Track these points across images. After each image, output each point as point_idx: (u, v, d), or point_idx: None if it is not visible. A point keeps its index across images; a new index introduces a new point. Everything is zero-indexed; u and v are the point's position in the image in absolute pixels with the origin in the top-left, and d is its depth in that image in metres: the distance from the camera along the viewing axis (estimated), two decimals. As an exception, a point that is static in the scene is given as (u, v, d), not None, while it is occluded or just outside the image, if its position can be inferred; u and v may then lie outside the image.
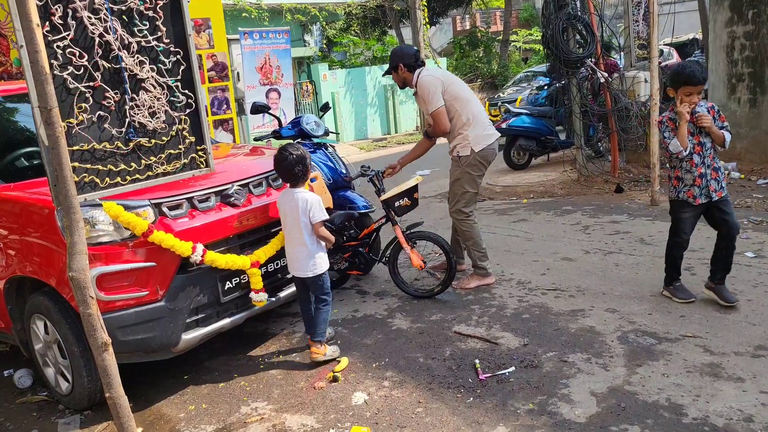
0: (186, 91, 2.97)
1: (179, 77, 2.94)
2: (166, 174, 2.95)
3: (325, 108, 5.34)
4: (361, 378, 3.23)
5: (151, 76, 2.83)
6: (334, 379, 3.23)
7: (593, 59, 7.04)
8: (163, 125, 2.91)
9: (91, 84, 2.64)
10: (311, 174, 3.49)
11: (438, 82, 4.14)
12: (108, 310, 2.84)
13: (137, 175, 2.84)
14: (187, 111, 3.00)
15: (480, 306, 4.01)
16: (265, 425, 2.90)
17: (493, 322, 3.73)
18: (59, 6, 2.50)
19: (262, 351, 3.73)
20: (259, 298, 3.35)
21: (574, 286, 4.17)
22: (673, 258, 3.72)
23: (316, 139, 4.76)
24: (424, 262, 4.09)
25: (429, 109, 4.17)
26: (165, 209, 3.04)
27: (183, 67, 2.94)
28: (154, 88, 2.85)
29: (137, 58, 2.77)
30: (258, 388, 3.26)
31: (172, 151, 2.97)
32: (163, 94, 2.89)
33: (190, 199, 3.15)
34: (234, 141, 8.01)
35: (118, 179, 2.76)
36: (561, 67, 7.21)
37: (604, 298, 3.90)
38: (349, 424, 2.82)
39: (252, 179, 3.53)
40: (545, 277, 4.42)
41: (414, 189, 4.13)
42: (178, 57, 2.92)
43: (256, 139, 6.04)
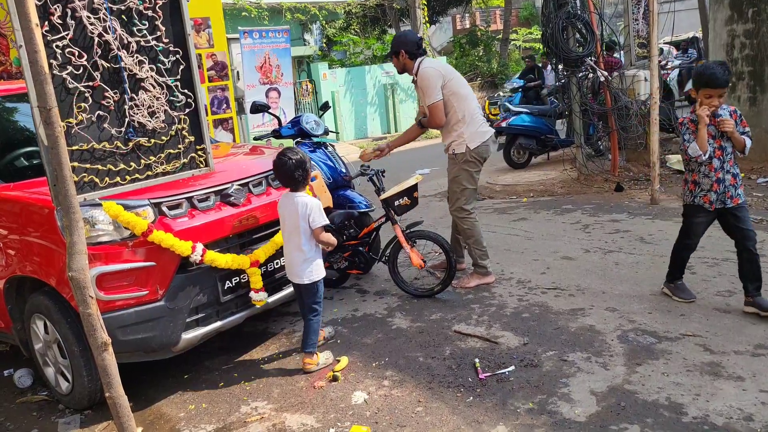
0: (185, 91, 2.97)
1: (179, 77, 2.94)
2: (165, 173, 2.95)
3: (325, 107, 5.33)
4: (361, 377, 3.23)
5: (151, 76, 2.83)
6: (334, 379, 3.23)
7: (593, 58, 7.04)
8: (163, 125, 2.90)
9: (90, 84, 2.63)
10: (311, 173, 3.48)
11: (439, 75, 4.15)
12: (108, 309, 2.84)
13: (137, 175, 2.84)
14: (187, 110, 3.00)
15: (480, 305, 4.01)
16: (265, 424, 2.90)
17: (493, 321, 3.73)
18: (58, 6, 2.50)
19: (262, 350, 3.73)
20: (259, 297, 3.35)
21: (574, 285, 4.17)
22: (681, 259, 3.70)
23: (315, 139, 4.76)
24: (424, 261, 4.09)
25: (427, 101, 4.18)
26: (164, 209, 3.04)
27: (182, 67, 2.94)
28: (154, 87, 2.85)
29: (136, 57, 2.77)
30: (258, 388, 3.26)
31: (172, 150, 2.97)
32: (163, 93, 2.88)
33: (189, 199, 3.15)
34: (234, 140, 8.01)
35: (118, 179, 2.76)
36: (556, 67, 7.20)
37: (604, 297, 3.90)
38: (349, 423, 2.82)
39: (252, 179, 3.53)
40: (545, 276, 4.42)
41: (414, 188, 4.13)
42: (178, 56, 2.92)
43: (255, 139, 6.03)
